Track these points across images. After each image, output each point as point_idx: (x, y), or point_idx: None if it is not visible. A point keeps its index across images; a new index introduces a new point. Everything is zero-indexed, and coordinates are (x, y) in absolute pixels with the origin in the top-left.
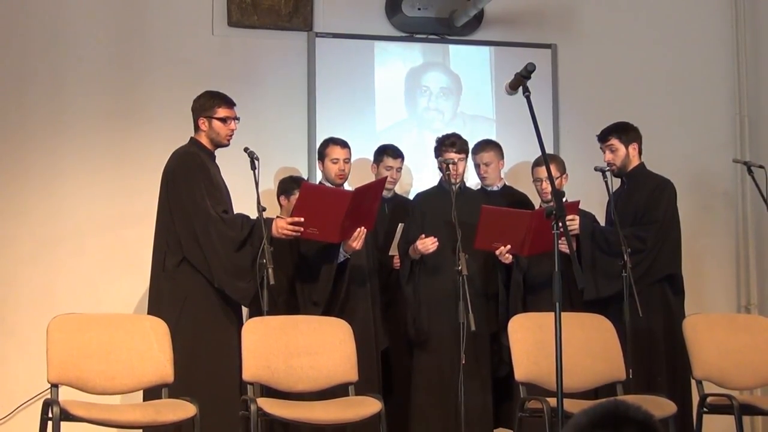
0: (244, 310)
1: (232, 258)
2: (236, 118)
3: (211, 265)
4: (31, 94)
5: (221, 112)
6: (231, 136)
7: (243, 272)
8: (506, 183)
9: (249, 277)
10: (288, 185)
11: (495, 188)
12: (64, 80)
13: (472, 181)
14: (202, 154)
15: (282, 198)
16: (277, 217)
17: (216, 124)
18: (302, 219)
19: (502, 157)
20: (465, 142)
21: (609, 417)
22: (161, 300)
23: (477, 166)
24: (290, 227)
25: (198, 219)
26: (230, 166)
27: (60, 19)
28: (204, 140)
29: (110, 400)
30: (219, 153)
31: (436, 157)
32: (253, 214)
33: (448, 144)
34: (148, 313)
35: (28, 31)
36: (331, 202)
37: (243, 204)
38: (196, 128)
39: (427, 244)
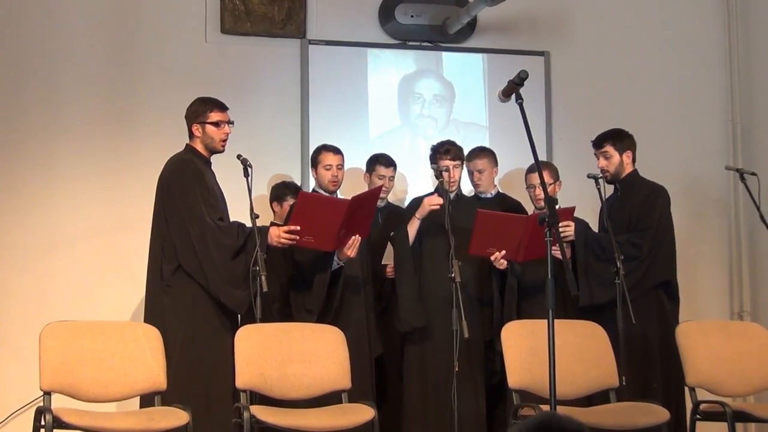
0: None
1: (228, 266)
2: (230, 122)
3: (207, 274)
4: (25, 101)
5: (214, 116)
6: (225, 140)
7: (239, 280)
8: (500, 190)
9: (245, 286)
10: (281, 191)
11: (488, 195)
12: (57, 87)
13: (466, 188)
14: (198, 161)
15: (275, 204)
16: (271, 223)
17: (209, 128)
18: (299, 227)
19: (496, 165)
20: (460, 149)
21: (541, 429)
22: (158, 307)
23: (470, 174)
24: (287, 236)
25: (194, 227)
26: (223, 173)
27: (53, 26)
28: (199, 147)
29: (103, 408)
30: (212, 160)
31: (432, 164)
32: (247, 221)
33: (443, 151)
34: (145, 321)
35: (22, 39)
36: (328, 211)
37: (236, 211)
38: (191, 135)
39: (433, 200)
